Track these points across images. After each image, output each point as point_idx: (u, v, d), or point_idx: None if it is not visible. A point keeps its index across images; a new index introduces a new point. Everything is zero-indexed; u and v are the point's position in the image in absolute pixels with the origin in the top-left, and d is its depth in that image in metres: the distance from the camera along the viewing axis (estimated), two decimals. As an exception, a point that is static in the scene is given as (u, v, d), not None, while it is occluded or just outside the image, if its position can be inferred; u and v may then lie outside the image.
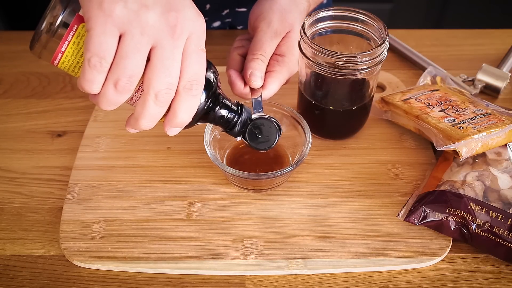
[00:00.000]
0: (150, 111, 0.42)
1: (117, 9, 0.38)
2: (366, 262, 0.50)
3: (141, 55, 0.39)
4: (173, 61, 0.40)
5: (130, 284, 0.49)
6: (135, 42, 0.39)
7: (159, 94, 0.41)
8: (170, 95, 0.41)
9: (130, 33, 0.39)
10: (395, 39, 0.77)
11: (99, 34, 0.38)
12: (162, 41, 0.40)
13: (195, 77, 0.42)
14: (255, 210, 0.54)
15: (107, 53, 0.39)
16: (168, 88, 0.41)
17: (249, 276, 0.49)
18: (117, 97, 0.41)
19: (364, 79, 0.57)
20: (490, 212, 0.50)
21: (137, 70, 0.40)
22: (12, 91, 0.70)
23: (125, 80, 0.39)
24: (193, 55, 0.42)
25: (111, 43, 0.38)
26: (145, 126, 0.43)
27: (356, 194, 0.56)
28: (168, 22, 0.40)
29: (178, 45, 0.40)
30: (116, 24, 0.38)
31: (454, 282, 0.49)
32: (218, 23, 0.83)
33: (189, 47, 0.41)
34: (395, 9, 1.62)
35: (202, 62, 0.43)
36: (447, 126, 0.56)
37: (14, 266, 0.50)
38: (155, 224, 0.53)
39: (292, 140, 0.58)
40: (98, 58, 0.39)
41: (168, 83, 0.41)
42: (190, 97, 0.42)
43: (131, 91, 0.41)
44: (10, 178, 0.58)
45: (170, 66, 0.40)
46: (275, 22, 0.57)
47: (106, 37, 0.38)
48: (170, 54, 0.40)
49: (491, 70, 0.69)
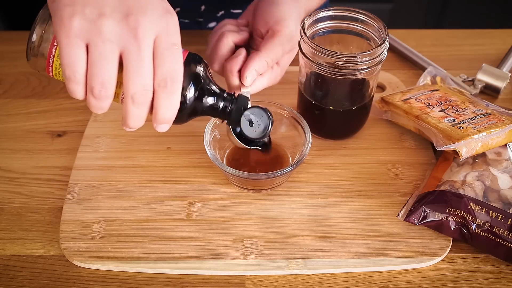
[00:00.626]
0: (132, 113, 0.43)
1: (75, 21, 0.39)
2: (366, 262, 0.50)
3: (108, 62, 0.40)
4: (142, 61, 0.41)
5: (130, 284, 0.49)
6: (99, 50, 0.40)
7: (135, 96, 0.41)
8: (147, 96, 0.42)
9: (93, 42, 0.40)
10: (395, 39, 0.77)
11: (65, 47, 0.40)
12: (127, 45, 0.40)
13: (169, 74, 0.42)
14: (255, 210, 0.54)
15: (76, 65, 0.40)
16: (143, 89, 0.41)
17: (249, 276, 0.49)
18: (99, 103, 0.42)
19: (364, 79, 0.57)
20: (490, 212, 0.50)
21: (108, 76, 0.41)
22: (12, 91, 0.70)
23: (98, 87, 0.41)
24: (164, 52, 0.42)
25: (78, 54, 0.40)
26: (133, 125, 0.44)
27: (356, 194, 0.56)
28: (129, 26, 0.40)
29: (144, 45, 0.41)
30: (77, 36, 0.39)
31: (454, 282, 0.49)
32: (213, 23, 0.83)
33: (159, 46, 0.41)
34: (395, 9, 1.62)
35: (176, 58, 0.42)
36: (447, 126, 0.56)
37: (14, 266, 0.50)
38: (155, 224, 0.53)
39: (292, 140, 0.58)
40: (70, 71, 0.40)
41: (142, 84, 0.41)
42: (167, 94, 0.42)
43: (109, 96, 0.42)
44: (10, 178, 0.58)
45: (139, 67, 0.41)
46: (293, 32, 0.57)
47: (71, 49, 0.40)
48: (137, 55, 0.40)
49: (491, 70, 0.69)
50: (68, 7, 0.40)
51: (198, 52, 0.48)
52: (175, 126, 0.63)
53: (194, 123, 0.63)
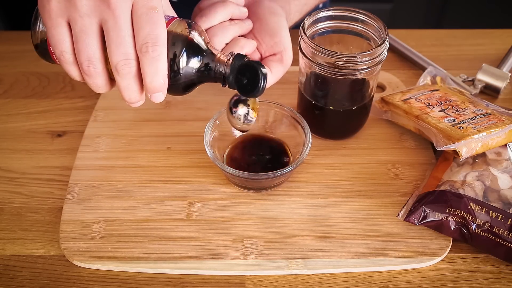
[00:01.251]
0: (121, 84, 0.43)
1: (53, 2, 0.40)
2: (366, 262, 0.50)
3: (90, 36, 0.41)
4: (120, 30, 0.41)
5: (130, 284, 0.49)
6: (79, 25, 0.40)
7: (118, 66, 0.41)
8: (130, 64, 0.42)
9: (73, 18, 0.40)
10: (395, 39, 0.77)
11: (49, 28, 0.41)
12: (103, 16, 0.40)
13: (149, 38, 0.41)
14: (255, 210, 0.54)
15: (62, 43, 0.41)
16: (125, 59, 0.41)
17: (249, 276, 0.49)
18: (92, 80, 0.43)
19: (364, 79, 0.57)
20: (490, 212, 0.50)
21: (91, 51, 0.41)
22: (12, 91, 0.70)
23: (86, 63, 0.41)
24: (142, 17, 0.41)
25: (63, 33, 0.41)
26: (129, 98, 0.44)
27: (356, 194, 0.56)
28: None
29: (119, 14, 0.40)
30: (58, 15, 0.41)
31: (454, 282, 0.49)
32: None
33: (137, 11, 0.41)
34: (395, 9, 1.62)
35: (156, 21, 0.41)
36: (447, 126, 0.56)
37: (14, 266, 0.50)
38: (155, 224, 0.53)
39: (292, 140, 0.58)
40: (58, 51, 0.42)
41: (123, 53, 0.41)
42: (151, 59, 0.41)
43: (99, 72, 0.42)
44: (10, 178, 0.58)
45: (118, 36, 0.41)
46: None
47: (55, 29, 0.41)
48: (113, 26, 0.40)
49: (491, 70, 0.69)
50: None
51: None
52: (175, 126, 0.63)
53: (194, 123, 0.63)
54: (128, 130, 0.63)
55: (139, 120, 0.64)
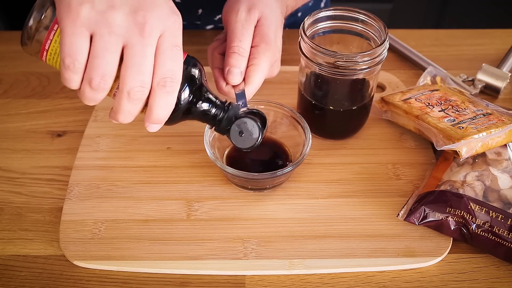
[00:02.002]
0: (125, 108, 0.43)
1: (84, 11, 0.39)
2: (366, 262, 0.50)
3: (111, 55, 0.40)
4: (144, 58, 0.41)
5: (130, 284, 0.49)
6: (104, 42, 0.40)
7: (131, 92, 0.42)
8: (143, 93, 0.42)
9: (99, 33, 0.40)
10: (395, 39, 0.77)
11: (69, 35, 0.40)
12: (131, 40, 0.40)
13: (169, 74, 0.42)
14: (255, 210, 0.54)
15: (79, 54, 0.40)
16: (140, 86, 0.42)
17: (249, 276, 0.49)
18: (94, 95, 0.42)
19: (364, 79, 0.57)
20: (490, 212, 0.50)
21: (109, 69, 0.41)
22: (12, 91, 0.70)
23: (98, 79, 0.41)
24: (166, 52, 0.42)
25: (82, 44, 0.40)
26: (123, 120, 0.45)
27: (356, 194, 0.56)
28: (136, 21, 0.40)
29: (149, 43, 0.41)
30: (84, 25, 0.39)
31: (454, 282, 0.49)
32: (211, 26, 0.83)
33: (162, 45, 0.42)
34: (395, 9, 1.62)
35: (177, 59, 0.43)
36: (447, 126, 0.56)
37: (14, 266, 0.50)
38: (155, 224, 0.53)
39: (292, 140, 0.58)
40: (70, 59, 0.40)
41: (140, 80, 0.41)
42: (165, 93, 0.43)
43: (106, 89, 0.42)
44: (10, 178, 0.58)
45: (141, 64, 0.41)
46: (242, 11, 0.54)
47: (75, 38, 0.39)
48: (140, 52, 0.41)
49: (491, 70, 0.69)
50: None
51: (197, 52, 0.48)
52: (175, 126, 0.63)
53: (194, 123, 0.63)
54: (128, 130, 0.63)
55: (139, 120, 0.64)
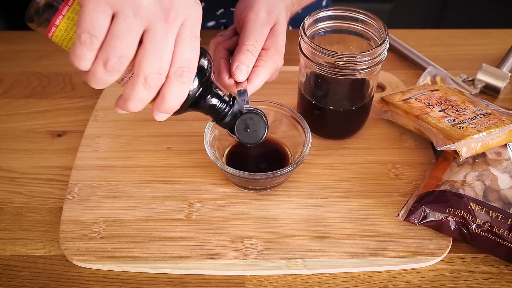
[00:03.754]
0: (139, 94, 0.42)
1: None
2: (366, 262, 0.50)
3: (132, 37, 0.39)
4: (165, 45, 0.40)
5: (130, 284, 0.49)
6: (127, 23, 0.39)
7: (149, 78, 0.40)
8: (160, 80, 0.41)
9: (123, 13, 0.38)
10: (395, 39, 0.77)
11: (91, 10, 0.38)
12: (155, 24, 0.39)
13: (187, 64, 0.42)
14: (255, 210, 0.54)
15: (98, 31, 0.38)
16: (158, 73, 0.41)
17: (249, 276, 0.49)
18: (106, 76, 0.40)
19: (364, 79, 0.57)
20: (490, 212, 0.50)
21: (128, 51, 0.39)
22: (12, 91, 0.70)
23: (114, 60, 0.39)
24: (187, 41, 0.41)
25: (102, 21, 0.38)
26: (133, 108, 0.43)
27: (356, 194, 0.56)
28: (163, 5, 0.39)
29: (172, 29, 0.40)
30: (109, 2, 0.38)
31: (454, 282, 0.49)
32: (212, 22, 0.83)
33: (183, 33, 0.41)
34: (395, 9, 1.62)
35: (195, 49, 0.42)
36: (447, 126, 0.56)
37: (14, 266, 0.50)
38: (155, 224, 0.53)
39: (292, 140, 0.58)
40: (88, 35, 0.38)
41: (159, 67, 0.40)
42: (180, 83, 0.42)
43: (121, 72, 0.41)
44: (10, 178, 0.58)
45: (162, 50, 0.40)
46: (262, 12, 0.55)
47: (98, 14, 0.38)
48: (162, 38, 0.40)
49: (491, 70, 0.69)
50: None
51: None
52: (175, 126, 0.63)
53: (194, 123, 0.63)
54: (128, 130, 0.63)
55: (139, 120, 0.64)
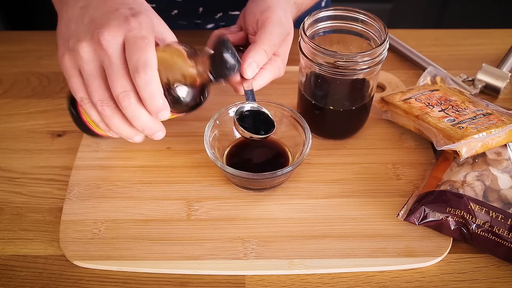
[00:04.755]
0: (128, 115, 0.46)
1: (65, 57, 0.46)
2: (366, 262, 0.50)
3: (96, 79, 0.46)
4: (113, 65, 0.45)
5: (130, 284, 0.49)
6: (86, 71, 0.46)
7: (119, 99, 0.45)
8: (129, 96, 0.45)
9: (80, 67, 0.46)
10: (395, 39, 0.77)
11: (68, 80, 0.47)
12: (100, 58, 0.45)
13: (139, 63, 0.44)
14: (255, 210, 0.54)
15: (80, 91, 0.47)
16: (123, 91, 0.45)
17: (249, 276, 0.49)
18: (111, 121, 0.47)
19: (364, 79, 0.57)
20: (490, 212, 0.50)
21: (101, 91, 0.46)
22: (12, 91, 0.70)
23: (99, 104, 0.46)
24: (130, 46, 0.44)
25: (78, 82, 0.47)
26: (143, 129, 0.48)
27: (356, 194, 0.56)
28: (95, 41, 0.45)
29: (111, 52, 0.44)
30: (71, 67, 0.47)
31: (454, 282, 0.49)
32: (211, 25, 0.83)
33: (127, 44, 0.45)
34: (395, 9, 1.62)
35: (143, 47, 0.44)
36: (447, 126, 0.56)
37: (14, 266, 0.50)
38: (155, 224, 0.53)
39: (292, 140, 0.58)
40: (79, 98, 0.48)
41: (121, 85, 0.45)
42: (144, 82, 0.44)
43: (113, 110, 0.46)
44: (10, 178, 0.58)
45: (113, 71, 0.45)
46: (283, 18, 0.56)
47: (72, 79, 0.47)
48: (108, 62, 0.45)
49: (491, 70, 0.69)
50: (60, 47, 0.47)
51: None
52: (175, 126, 0.63)
53: (194, 123, 0.63)
54: (128, 130, 0.63)
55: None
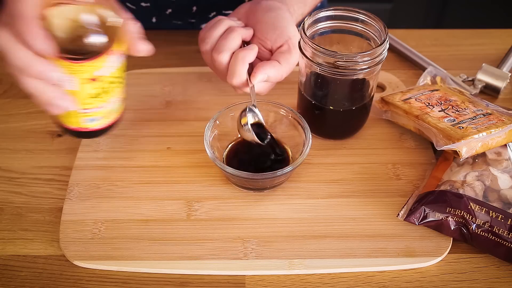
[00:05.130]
0: None
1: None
2: (366, 262, 0.50)
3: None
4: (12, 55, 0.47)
5: (130, 284, 0.49)
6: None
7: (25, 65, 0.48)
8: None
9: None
10: (395, 39, 0.77)
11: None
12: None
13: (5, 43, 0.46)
14: (255, 210, 0.54)
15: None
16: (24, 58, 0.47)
17: (249, 276, 0.49)
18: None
19: (364, 79, 0.57)
20: (490, 212, 0.50)
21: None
22: (12, 91, 0.70)
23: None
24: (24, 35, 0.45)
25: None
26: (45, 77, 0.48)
27: (356, 194, 0.56)
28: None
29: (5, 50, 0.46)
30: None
31: (454, 282, 0.49)
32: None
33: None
34: (395, 9, 1.62)
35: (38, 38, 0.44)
36: (447, 126, 0.56)
37: (14, 266, 0.50)
38: (155, 224, 0.53)
39: (292, 140, 0.58)
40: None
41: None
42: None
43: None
44: (10, 178, 0.58)
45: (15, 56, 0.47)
46: (297, 36, 0.58)
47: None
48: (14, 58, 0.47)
49: (491, 70, 0.69)
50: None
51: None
52: (175, 126, 0.63)
53: (194, 123, 0.63)
54: (128, 130, 0.63)
55: (139, 120, 0.64)
